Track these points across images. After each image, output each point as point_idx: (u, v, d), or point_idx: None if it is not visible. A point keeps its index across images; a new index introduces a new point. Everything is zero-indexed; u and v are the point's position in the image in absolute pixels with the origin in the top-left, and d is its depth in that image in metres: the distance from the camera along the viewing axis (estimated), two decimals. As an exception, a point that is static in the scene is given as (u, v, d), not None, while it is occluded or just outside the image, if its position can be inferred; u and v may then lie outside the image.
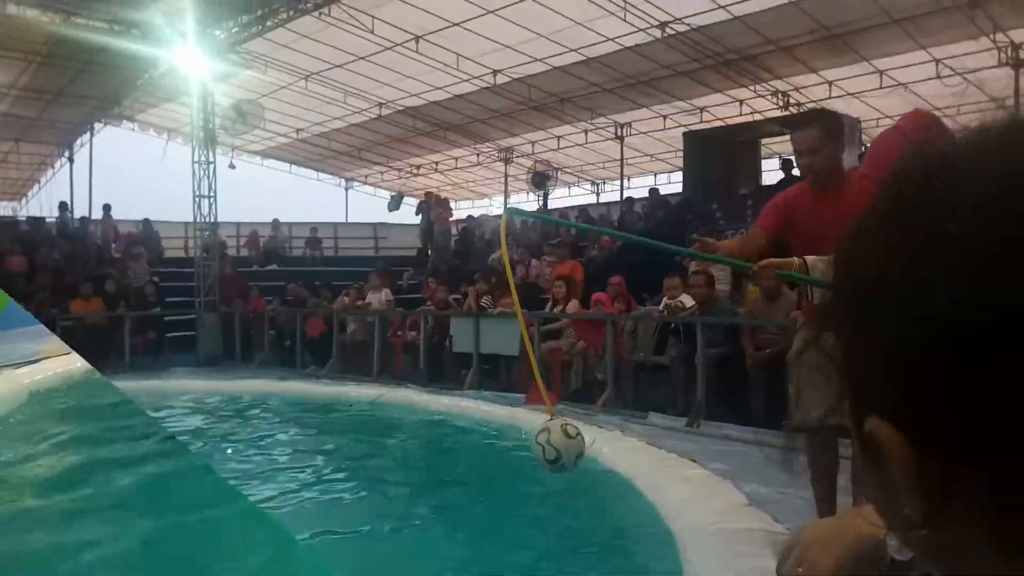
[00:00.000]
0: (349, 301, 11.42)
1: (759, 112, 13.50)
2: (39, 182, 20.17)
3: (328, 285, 12.49)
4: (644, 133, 15.88)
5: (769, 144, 13.64)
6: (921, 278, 0.35)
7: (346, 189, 21.47)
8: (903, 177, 0.38)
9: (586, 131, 16.17)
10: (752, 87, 12.77)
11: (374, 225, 19.89)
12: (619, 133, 15.96)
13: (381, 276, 11.89)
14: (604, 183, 19.40)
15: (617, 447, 5.20)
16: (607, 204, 17.35)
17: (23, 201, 20.80)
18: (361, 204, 21.79)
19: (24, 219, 16.11)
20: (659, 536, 3.50)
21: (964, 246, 0.34)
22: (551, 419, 2.87)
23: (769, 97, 13.06)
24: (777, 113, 12.96)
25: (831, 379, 0.41)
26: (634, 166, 17.50)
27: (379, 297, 11.04)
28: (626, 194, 16.08)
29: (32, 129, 16.90)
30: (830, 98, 12.65)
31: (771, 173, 13.46)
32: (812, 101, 12.95)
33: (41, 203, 18.44)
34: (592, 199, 19.17)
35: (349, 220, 20.77)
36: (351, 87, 14.67)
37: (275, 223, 17.82)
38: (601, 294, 8.15)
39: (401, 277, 14.57)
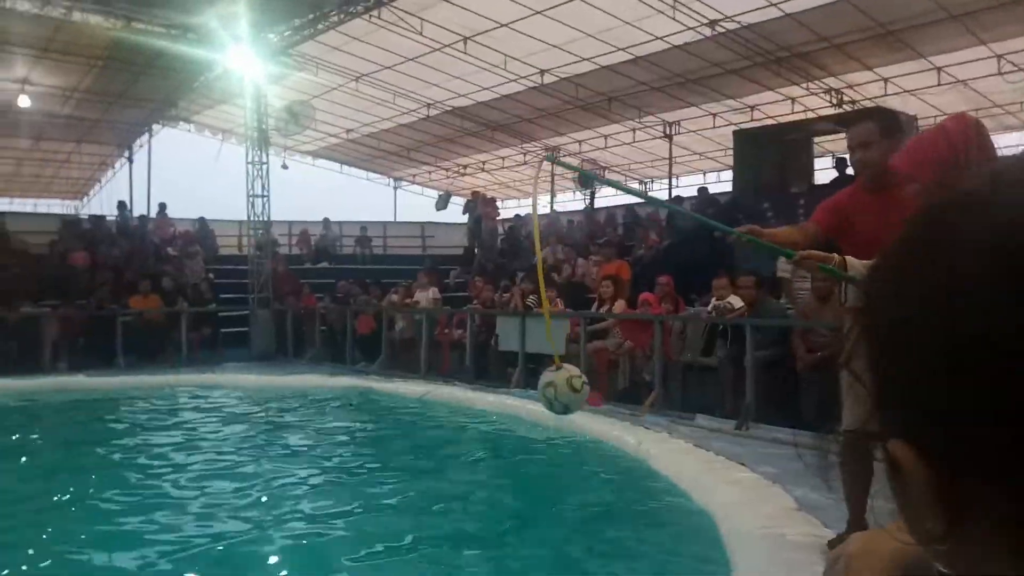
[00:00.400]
0: (398, 299, 11.57)
1: (811, 110, 13.25)
2: (100, 181, 20.84)
3: (377, 283, 12.66)
4: (693, 131, 15.71)
5: (822, 142, 13.38)
6: (932, 310, 0.38)
7: (395, 188, 21.72)
8: (928, 210, 0.41)
9: (634, 130, 16.06)
10: (804, 85, 12.53)
11: (422, 224, 20.06)
12: (668, 131, 15.82)
13: (429, 275, 12.01)
14: (652, 182, 19.25)
15: (664, 448, 5.18)
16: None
17: (84, 200, 21.53)
18: (409, 203, 22.04)
19: (86, 217, 16.65)
20: (707, 540, 3.49)
21: (974, 281, 0.37)
22: (556, 370, 2.88)
23: (822, 95, 12.81)
24: (830, 111, 12.71)
25: (862, 396, 0.44)
26: (683, 165, 17.33)
27: (427, 295, 11.16)
28: (675, 193, 15.94)
29: (94, 130, 17.45)
30: (885, 95, 12.35)
31: (824, 172, 13.23)
32: (867, 99, 12.67)
33: (102, 202, 19.07)
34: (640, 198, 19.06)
35: (398, 219, 21.00)
36: (400, 88, 14.82)
37: (326, 222, 18.10)
38: (649, 294, 8.11)
39: (448, 276, 14.69)
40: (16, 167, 19.46)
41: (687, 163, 17.43)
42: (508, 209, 19.60)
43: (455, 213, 17.93)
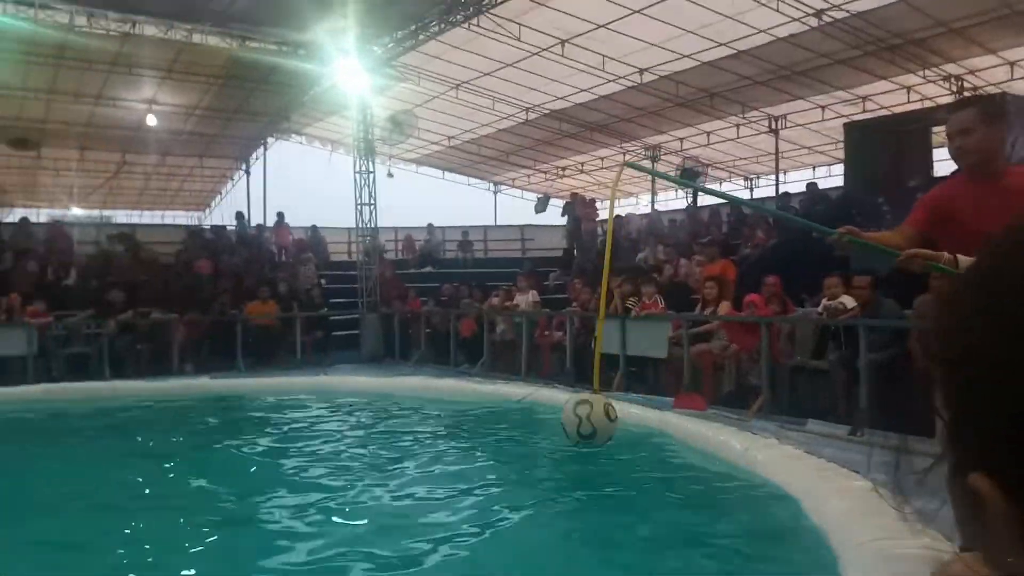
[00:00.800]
0: (498, 302, 11.72)
1: (929, 99, 12.58)
2: (220, 193, 22.10)
3: (480, 286, 12.87)
4: (801, 125, 15.20)
5: (942, 133, 12.68)
6: (1010, 344, 0.36)
7: (495, 193, 22.01)
8: (1005, 247, 0.40)
9: (738, 125, 15.68)
10: (920, 72, 11.92)
11: (521, 227, 20.24)
12: (773, 126, 15.36)
13: (528, 278, 12.10)
14: (758, 178, 18.73)
15: (772, 454, 5.03)
16: (762, 199, 16.76)
17: (207, 211, 22.88)
18: (509, 206, 22.30)
19: (208, 228, 17.70)
20: (818, 551, 3.39)
21: None
22: (595, 393, 2.83)
23: (940, 82, 12.14)
24: (950, 99, 12.02)
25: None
26: (790, 159, 16.79)
27: (526, 298, 11.25)
28: (782, 189, 15.45)
29: (213, 145, 18.55)
30: (1012, 80, 11.58)
31: (944, 164, 12.51)
32: (991, 84, 11.91)
33: (222, 212, 20.25)
34: (746, 195, 18.57)
35: (498, 223, 21.27)
36: (499, 94, 15.02)
37: (430, 227, 18.54)
38: (755, 295, 7.89)
39: (547, 278, 14.76)
40: (145, 182, 20.90)
41: (795, 158, 16.87)
42: (607, 210, 19.49)
43: (554, 215, 17.99)
